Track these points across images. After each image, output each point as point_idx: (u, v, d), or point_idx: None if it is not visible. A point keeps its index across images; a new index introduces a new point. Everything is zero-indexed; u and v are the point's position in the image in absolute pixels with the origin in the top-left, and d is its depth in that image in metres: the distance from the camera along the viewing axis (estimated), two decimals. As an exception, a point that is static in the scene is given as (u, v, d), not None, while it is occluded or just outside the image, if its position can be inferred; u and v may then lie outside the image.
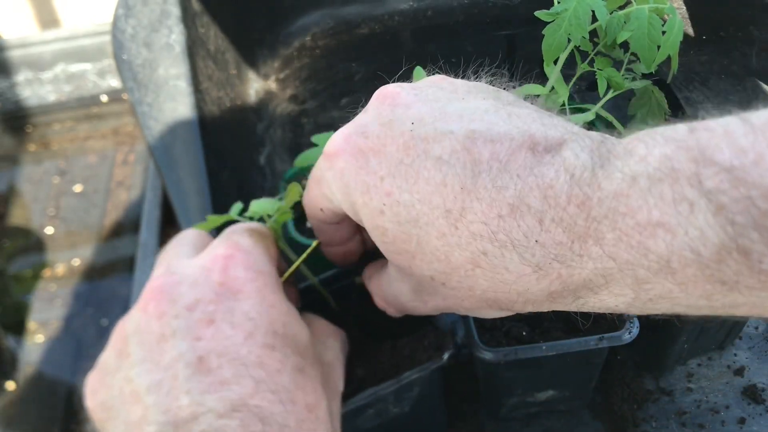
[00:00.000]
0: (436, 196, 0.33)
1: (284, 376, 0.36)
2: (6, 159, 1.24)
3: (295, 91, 0.88)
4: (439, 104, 0.36)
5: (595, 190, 0.29)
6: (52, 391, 0.92)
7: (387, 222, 0.35)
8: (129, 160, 1.21)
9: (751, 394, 0.61)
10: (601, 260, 0.29)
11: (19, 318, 1.01)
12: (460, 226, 0.32)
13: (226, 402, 0.34)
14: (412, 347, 0.50)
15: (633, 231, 0.28)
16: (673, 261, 0.27)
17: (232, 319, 0.37)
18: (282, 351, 0.37)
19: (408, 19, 0.86)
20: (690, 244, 0.26)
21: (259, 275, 0.40)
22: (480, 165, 0.32)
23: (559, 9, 0.43)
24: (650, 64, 0.43)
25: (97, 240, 1.10)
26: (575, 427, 0.61)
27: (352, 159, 0.36)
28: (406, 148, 0.34)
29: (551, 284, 0.31)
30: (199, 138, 0.68)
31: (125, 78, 0.65)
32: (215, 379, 0.34)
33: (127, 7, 0.66)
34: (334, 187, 0.38)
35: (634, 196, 0.28)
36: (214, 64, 0.76)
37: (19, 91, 1.26)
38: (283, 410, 0.35)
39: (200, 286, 0.38)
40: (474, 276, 0.33)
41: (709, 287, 0.27)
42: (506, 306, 0.35)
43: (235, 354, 0.36)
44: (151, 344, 0.37)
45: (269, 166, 0.82)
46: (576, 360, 0.53)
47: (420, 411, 0.54)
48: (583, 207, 0.29)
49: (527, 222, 0.30)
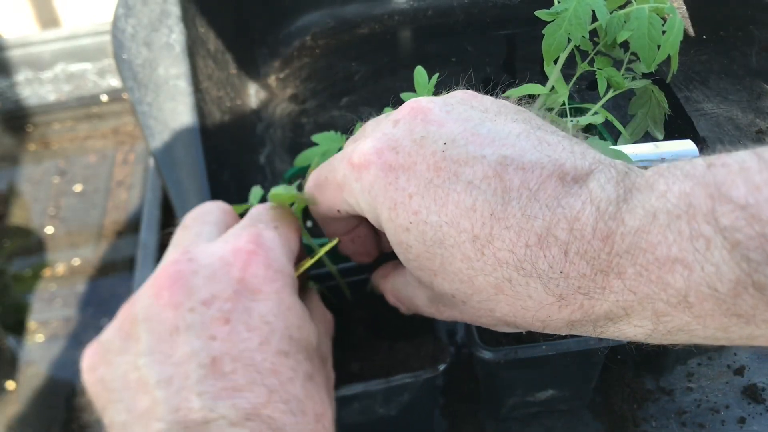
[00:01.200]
0: (464, 220, 0.33)
1: (296, 385, 0.36)
2: (6, 158, 1.24)
3: (295, 91, 0.88)
4: (471, 124, 0.36)
5: (619, 224, 0.30)
6: (52, 391, 0.92)
7: (412, 239, 0.35)
8: (129, 159, 1.21)
9: (751, 394, 0.61)
10: (622, 293, 0.30)
11: (19, 318, 1.01)
12: (486, 252, 0.33)
13: (239, 410, 0.33)
14: (409, 352, 0.50)
15: (652, 266, 0.29)
16: (691, 296, 0.28)
17: (249, 320, 0.36)
18: (295, 357, 0.37)
19: (408, 18, 0.86)
20: (707, 280, 0.27)
21: (278, 275, 0.39)
22: (510, 192, 0.32)
23: (559, 8, 0.43)
24: (650, 64, 0.43)
25: (97, 240, 1.10)
26: (575, 427, 0.61)
27: (381, 174, 0.36)
28: (437, 169, 0.34)
29: (572, 314, 0.32)
30: (199, 138, 0.68)
31: (125, 77, 0.65)
32: (228, 385, 0.34)
33: (127, 7, 0.66)
34: (360, 198, 0.38)
35: (654, 232, 0.29)
36: (214, 63, 0.76)
37: (18, 90, 1.26)
38: (294, 421, 0.35)
39: (218, 280, 0.37)
40: (496, 300, 0.34)
41: (725, 320, 0.28)
42: (523, 327, 0.36)
43: (250, 359, 0.35)
44: (163, 335, 0.36)
45: (269, 165, 0.82)
46: (576, 359, 0.53)
47: (409, 417, 0.54)
48: (606, 241, 0.30)
49: (553, 253, 0.31)
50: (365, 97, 0.87)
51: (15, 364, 0.95)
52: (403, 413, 0.52)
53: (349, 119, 0.85)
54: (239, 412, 0.33)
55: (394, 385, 0.48)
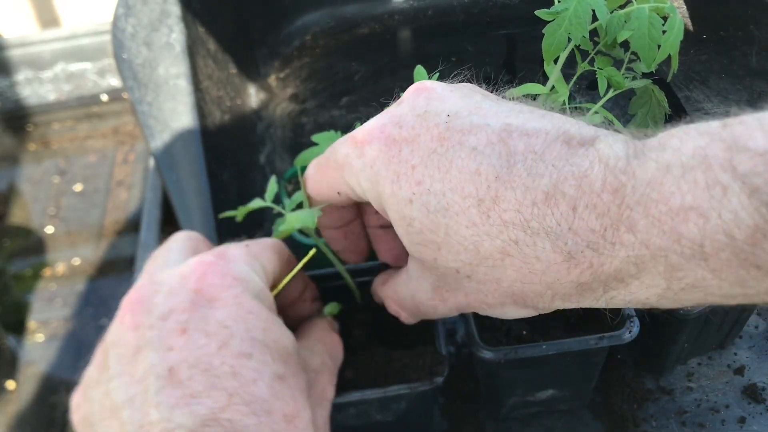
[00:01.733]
0: (469, 184, 0.33)
1: (260, 386, 0.35)
2: (6, 158, 1.24)
3: (296, 91, 0.88)
4: (473, 101, 0.36)
5: (630, 177, 0.29)
6: (52, 390, 0.92)
7: (415, 211, 0.35)
8: (129, 159, 1.21)
9: (751, 394, 0.61)
10: (633, 247, 0.29)
11: (19, 317, 1.01)
12: (492, 215, 0.32)
13: (196, 417, 0.33)
14: (406, 363, 0.50)
15: (665, 216, 0.28)
16: (707, 245, 0.27)
17: (206, 327, 0.36)
18: (260, 358, 0.36)
19: (408, 18, 0.86)
20: (724, 227, 0.26)
21: (237, 282, 0.39)
22: (515, 156, 0.32)
23: (559, 8, 0.43)
24: (650, 64, 0.43)
25: (97, 239, 1.10)
26: (575, 427, 0.61)
27: (384, 148, 0.36)
28: (441, 139, 0.34)
29: (582, 274, 0.31)
30: (199, 137, 0.68)
31: (125, 77, 0.65)
32: (185, 392, 0.34)
33: (128, 6, 0.66)
34: (362, 176, 0.38)
35: (668, 183, 0.28)
36: (215, 63, 0.76)
37: (18, 90, 1.26)
38: (257, 422, 0.34)
39: (176, 294, 0.37)
40: (502, 267, 0.33)
41: (743, 272, 0.27)
42: (532, 301, 0.35)
43: (208, 364, 0.35)
44: (128, 357, 0.36)
45: (269, 165, 0.82)
46: (576, 359, 0.53)
47: (406, 423, 0.53)
48: (616, 194, 0.29)
49: (561, 209, 0.30)
50: (365, 97, 0.87)
51: (15, 364, 0.95)
52: (400, 419, 0.52)
53: (349, 119, 0.85)
54: (196, 418, 0.33)
55: (390, 395, 0.48)
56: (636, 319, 0.50)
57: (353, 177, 0.39)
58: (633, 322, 0.49)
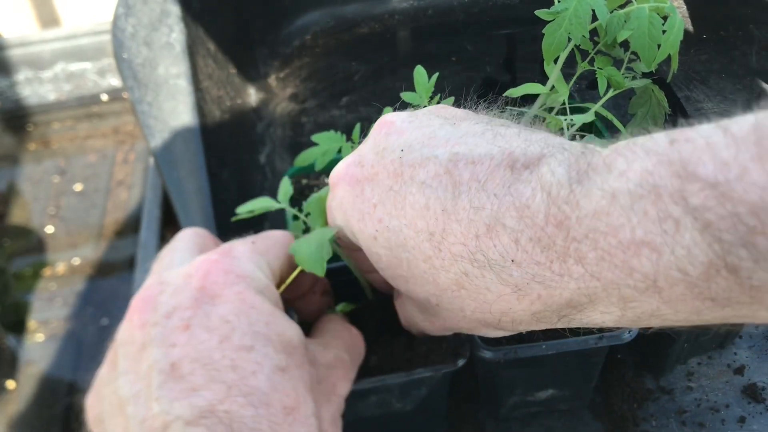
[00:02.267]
0: (420, 219, 0.34)
1: (260, 378, 0.36)
2: (6, 158, 1.24)
3: (296, 90, 0.88)
4: (429, 130, 0.36)
5: (574, 208, 0.28)
6: (52, 390, 0.92)
7: (380, 248, 0.36)
8: (129, 159, 1.21)
9: (751, 393, 0.61)
10: (584, 280, 0.29)
11: (20, 317, 1.01)
12: (443, 248, 0.33)
13: (194, 409, 0.33)
14: (429, 347, 0.50)
15: (616, 250, 0.27)
16: (660, 280, 0.27)
17: (208, 323, 0.36)
18: (261, 351, 0.37)
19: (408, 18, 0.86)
20: (677, 264, 0.26)
21: (240, 279, 0.39)
22: (461, 186, 0.32)
23: (559, 8, 0.43)
24: (650, 63, 0.43)
25: (97, 239, 1.10)
26: (575, 426, 0.61)
27: (349, 188, 0.38)
28: (396, 175, 0.35)
29: (532, 304, 0.31)
30: (200, 137, 0.68)
31: (125, 77, 0.65)
32: (186, 386, 0.34)
33: (128, 6, 0.66)
34: (337, 216, 0.40)
35: (615, 214, 0.27)
36: (215, 62, 0.76)
37: (19, 90, 1.26)
38: (254, 414, 0.34)
39: (180, 292, 0.38)
40: (461, 297, 0.34)
41: (698, 304, 0.27)
42: (495, 326, 0.35)
43: (208, 359, 0.35)
44: (134, 354, 0.37)
45: (269, 165, 0.82)
46: (576, 359, 0.53)
47: (422, 413, 0.54)
48: (561, 227, 0.28)
49: (503, 242, 0.30)
50: (365, 97, 0.87)
51: (15, 363, 0.95)
52: (418, 408, 0.52)
53: (349, 119, 0.85)
54: (194, 410, 0.33)
55: (414, 378, 0.48)
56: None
57: (333, 217, 0.41)
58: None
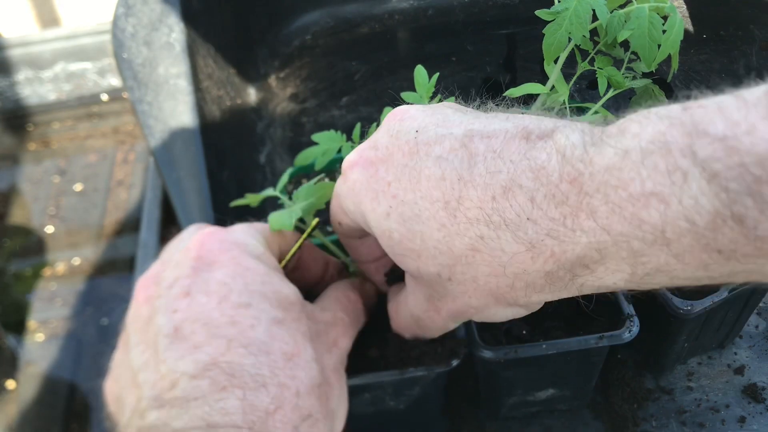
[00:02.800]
0: (435, 190, 0.35)
1: (258, 330, 0.38)
2: (6, 158, 1.24)
3: (296, 90, 0.88)
4: (443, 115, 0.38)
5: (587, 165, 0.29)
6: (52, 390, 0.92)
7: (393, 223, 0.37)
8: (129, 159, 1.21)
9: (751, 393, 0.61)
10: (595, 233, 0.30)
11: (20, 317, 1.01)
12: (458, 215, 0.34)
13: (198, 364, 0.35)
14: (424, 350, 0.50)
15: (626, 203, 0.28)
16: (668, 231, 0.27)
17: (207, 288, 0.39)
18: (258, 307, 0.39)
19: (408, 18, 0.86)
20: (684, 213, 0.27)
21: (234, 245, 0.41)
22: (476, 157, 0.34)
23: (559, 8, 0.43)
24: (651, 63, 0.43)
25: (97, 239, 1.10)
26: (575, 426, 0.61)
27: (363, 170, 0.39)
28: (411, 153, 0.37)
29: (545, 263, 0.32)
30: (199, 137, 0.68)
31: (125, 77, 0.65)
32: (189, 345, 0.36)
33: (128, 6, 0.66)
34: (348, 200, 0.40)
35: (626, 168, 0.28)
36: (215, 62, 0.76)
37: (19, 89, 1.26)
38: (254, 361, 0.36)
39: (179, 265, 0.40)
40: (475, 263, 0.35)
41: (705, 257, 0.27)
42: (509, 296, 0.36)
43: (208, 318, 0.37)
44: (142, 327, 0.39)
45: (269, 165, 0.82)
46: (576, 359, 0.53)
47: (416, 412, 0.54)
48: (575, 183, 0.30)
49: (519, 201, 0.32)
50: (365, 97, 0.87)
51: (15, 363, 0.95)
52: (411, 408, 0.52)
53: (349, 119, 0.85)
54: (198, 365, 0.35)
55: (407, 377, 0.48)
56: (636, 319, 0.50)
57: (343, 202, 0.42)
58: (633, 321, 0.49)
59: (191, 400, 0.34)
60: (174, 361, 0.36)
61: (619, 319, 0.50)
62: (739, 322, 0.62)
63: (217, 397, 0.34)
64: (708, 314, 0.55)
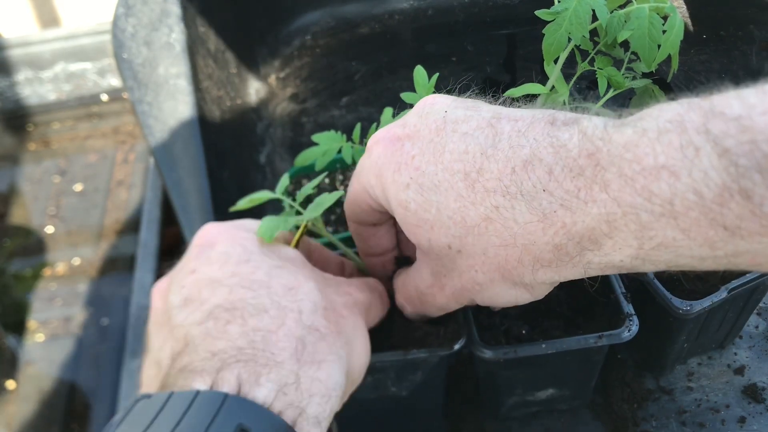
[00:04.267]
0: (457, 163, 0.36)
1: (258, 274, 0.40)
2: (6, 158, 1.24)
3: (296, 90, 0.88)
4: (473, 102, 0.40)
5: (606, 142, 0.31)
6: (52, 390, 0.92)
7: (411, 193, 0.38)
8: (129, 159, 1.21)
9: (751, 393, 0.61)
10: (606, 205, 0.30)
11: (20, 317, 1.01)
12: (476, 186, 0.35)
13: (203, 312, 0.37)
14: (427, 331, 0.50)
15: (638, 176, 0.29)
16: (676, 203, 0.28)
17: (210, 260, 0.41)
18: (257, 259, 0.41)
19: (408, 18, 0.86)
20: (693, 186, 0.27)
21: (233, 228, 0.44)
22: (501, 135, 0.35)
23: (559, 8, 0.43)
24: (651, 63, 0.43)
25: (97, 239, 1.10)
26: (575, 426, 0.61)
27: (389, 144, 0.40)
28: (438, 130, 0.38)
29: (555, 234, 0.33)
30: (200, 137, 0.68)
31: (125, 77, 0.65)
32: (197, 304, 0.38)
33: (128, 6, 0.66)
34: (370, 173, 0.42)
35: (642, 145, 0.29)
36: (215, 63, 0.76)
37: (19, 90, 1.26)
38: (254, 294, 0.38)
39: (186, 256, 0.43)
40: (486, 234, 0.36)
41: (711, 233, 0.28)
42: (516, 272, 0.36)
43: (212, 279, 0.39)
44: (159, 319, 0.41)
45: (269, 165, 0.82)
46: (576, 358, 0.53)
47: (417, 400, 0.54)
48: (592, 158, 0.31)
49: (537, 173, 0.33)
50: (365, 97, 0.87)
51: (15, 363, 0.95)
52: (413, 395, 0.52)
53: (349, 119, 0.85)
54: (203, 313, 0.37)
55: (410, 359, 0.48)
56: (635, 318, 0.50)
57: (365, 177, 0.42)
58: (632, 320, 0.49)
59: (199, 342, 0.36)
60: (183, 318, 0.38)
61: (618, 318, 0.50)
62: (739, 323, 0.62)
63: (222, 329, 0.36)
64: (708, 314, 0.55)
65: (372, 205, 0.44)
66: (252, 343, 0.36)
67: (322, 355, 0.38)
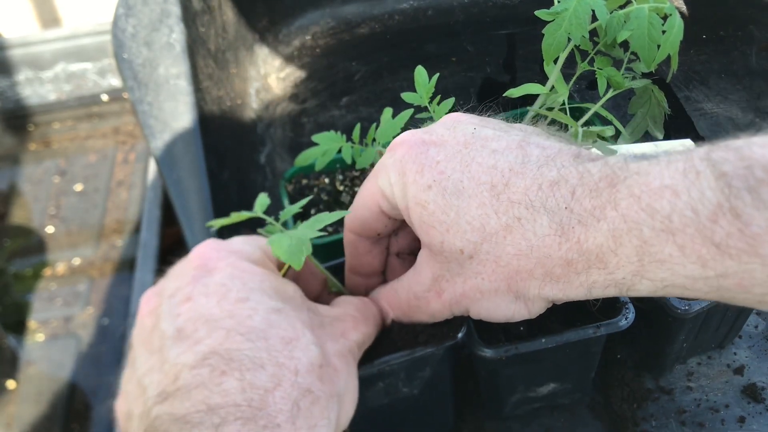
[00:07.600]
0: (484, 175, 0.38)
1: (255, 319, 0.39)
2: (7, 158, 1.24)
3: (296, 91, 0.88)
4: (497, 122, 0.42)
5: (623, 170, 0.34)
6: (52, 390, 0.92)
7: (432, 196, 0.40)
8: (129, 159, 1.21)
9: (750, 393, 0.61)
10: (614, 221, 0.33)
11: (20, 317, 1.01)
12: (502, 198, 0.37)
13: (198, 355, 0.37)
14: (429, 332, 0.50)
15: (644, 194, 0.32)
16: (675, 220, 0.31)
17: (207, 290, 0.40)
18: (256, 300, 0.40)
19: (408, 18, 0.86)
20: (691, 204, 0.30)
21: (230, 253, 0.43)
22: (530, 157, 0.38)
23: (559, 8, 0.43)
24: (650, 63, 0.43)
25: (97, 239, 1.10)
26: (575, 426, 0.62)
27: (414, 146, 0.41)
28: (466, 144, 0.40)
29: (570, 250, 0.35)
30: (200, 137, 0.68)
31: (126, 77, 0.65)
32: (191, 341, 0.38)
33: (128, 7, 0.66)
34: (392, 171, 0.42)
35: (653, 171, 0.32)
36: (215, 63, 0.76)
37: (19, 90, 1.26)
38: (252, 346, 0.38)
39: (180, 276, 0.42)
40: (503, 243, 0.37)
41: (704, 251, 0.31)
42: (523, 284, 0.38)
43: (209, 316, 0.38)
44: (147, 338, 0.40)
45: (269, 165, 0.82)
46: (575, 351, 0.53)
47: (429, 398, 0.54)
48: (609, 182, 0.34)
49: (562, 192, 0.36)
50: (365, 97, 0.87)
51: (15, 363, 0.95)
52: (425, 393, 0.52)
53: (349, 119, 0.85)
54: (197, 356, 0.37)
55: (417, 356, 0.48)
56: (631, 306, 0.50)
57: (385, 175, 0.43)
58: (628, 308, 0.50)
59: (192, 388, 0.36)
60: (176, 356, 0.37)
61: (614, 308, 0.51)
62: (739, 322, 0.63)
63: (217, 381, 0.36)
64: (706, 314, 0.56)
65: (383, 206, 0.44)
66: (250, 401, 0.36)
67: (314, 419, 0.38)
